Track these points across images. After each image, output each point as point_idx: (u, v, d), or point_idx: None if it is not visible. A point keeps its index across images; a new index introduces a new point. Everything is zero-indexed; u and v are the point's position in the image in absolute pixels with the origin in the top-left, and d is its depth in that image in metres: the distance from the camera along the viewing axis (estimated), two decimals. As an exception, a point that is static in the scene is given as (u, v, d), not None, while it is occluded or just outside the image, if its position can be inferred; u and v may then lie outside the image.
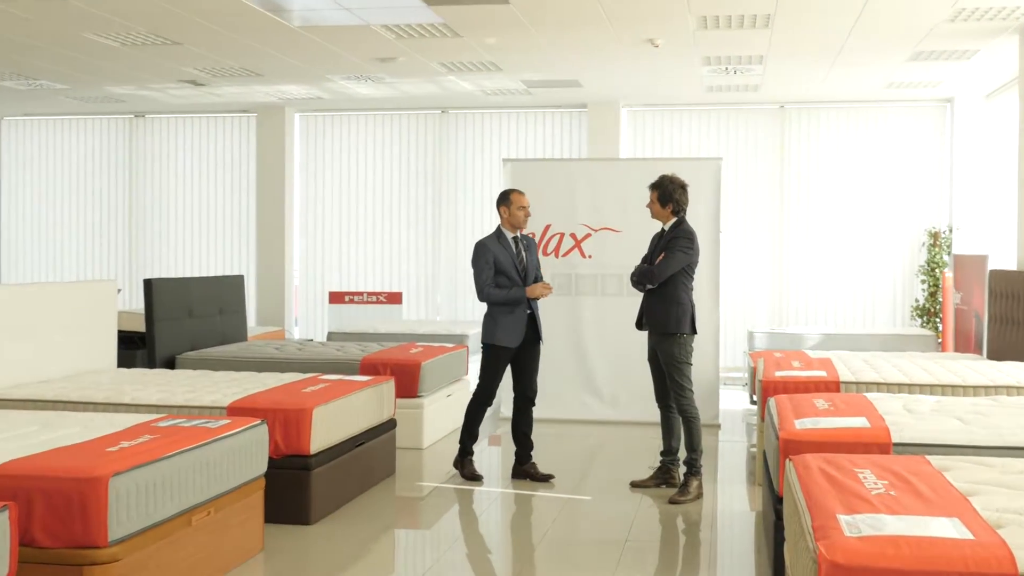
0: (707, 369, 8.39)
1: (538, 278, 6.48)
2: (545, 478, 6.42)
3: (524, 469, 6.49)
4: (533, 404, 6.54)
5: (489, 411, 6.75)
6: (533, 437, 6.55)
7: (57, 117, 13.02)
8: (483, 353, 6.46)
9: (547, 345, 8.59)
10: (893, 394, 5.63)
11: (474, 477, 6.42)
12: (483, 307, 6.52)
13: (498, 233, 6.44)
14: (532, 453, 6.53)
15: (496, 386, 6.43)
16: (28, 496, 3.58)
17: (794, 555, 3.24)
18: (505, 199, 6.41)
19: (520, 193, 6.43)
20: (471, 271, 6.44)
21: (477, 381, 6.50)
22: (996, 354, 7.74)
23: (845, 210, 11.40)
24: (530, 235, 6.80)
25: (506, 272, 6.31)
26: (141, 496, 3.76)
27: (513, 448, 6.60)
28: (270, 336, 10.51)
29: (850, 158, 11.40)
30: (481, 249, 6.37)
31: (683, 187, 6.03)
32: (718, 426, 8.41)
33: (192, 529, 4.15)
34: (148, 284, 7.75)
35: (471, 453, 6.52)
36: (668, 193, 5.99)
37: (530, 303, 6.37)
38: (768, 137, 11.54)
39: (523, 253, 6.41)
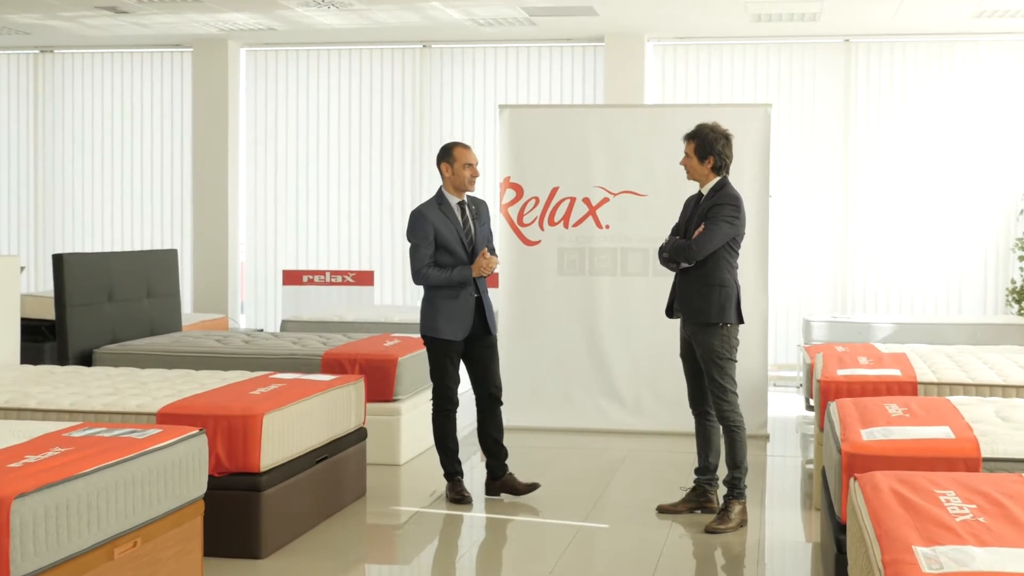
0: (754, 367, 8.40)
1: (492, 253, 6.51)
2: (529, 488, 6.49)
3: (503, 483, 6.54)
4: (500, 403, 6.59)
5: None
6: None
7: (-56, 52, 12.99)
8: (426, 349, 6.52)
9: (554, 337, 8.64)
10: (983, 398, 5.63)
11: (460, 500, 6.44)
12: None
13: (439, 198, 6.45)
14: (507, 463, 6.57)
15: (452, 387, 6.48)
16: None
17: (860, 596, 3.25)
18: (446, 154, 6.42)
19: (465, 147, 6.45)
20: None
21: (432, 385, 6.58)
22: (1111, 348, 7.74)
23: (924, 171, 11.38)
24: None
25: (448, 247, 6.33)
26: (51, 523, 3.76)
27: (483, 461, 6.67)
28: (210, 325, 10.51)
29: (930, 106, 11.38)
30: (417, 219, 6.38)
31: (727, 138, 6.02)
32: (767, 437, 8.43)
33: (115, 564, 4.15)
34: (58, 260, 7.73)
35: (459, 473, 6.54)
36: (708, 144, 5.97)
37: (477, 284, 6.39)
38: (829, 79, 11.50)
39: (471, 222, 6.42)
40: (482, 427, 6.59)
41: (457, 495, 6.45)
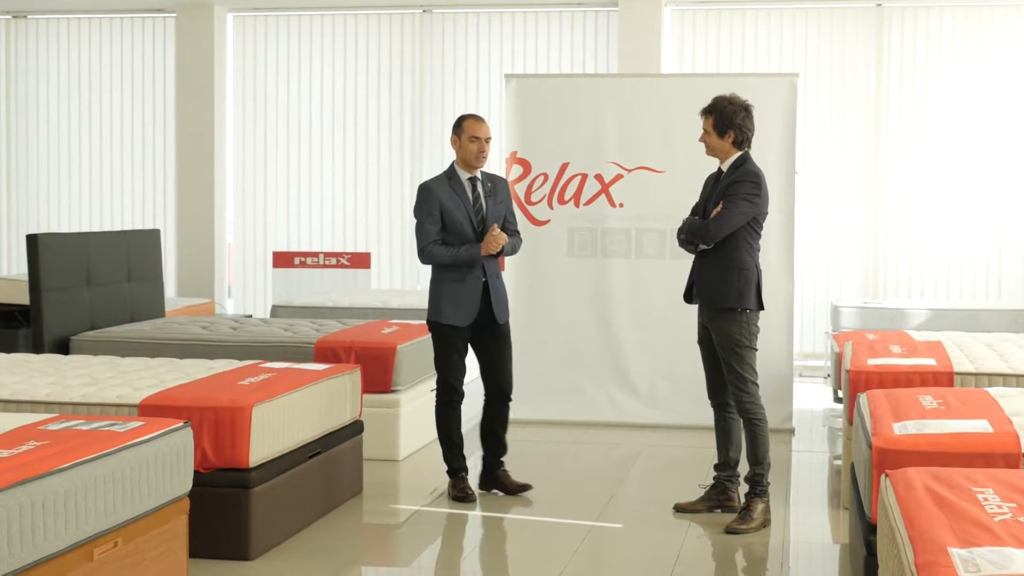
0: (777, 356, 8.40)
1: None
2: (520, 488, 6.52)
3: (496, 478, 6.58)
4: (509, 400, 6.62)
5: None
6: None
7: (-91, 18, 12.99)
8: (431, 336, 6.55)
9: (564, 323, 8.64)
10: (1024, 389, 5.63)
11: (463, 497, 6.45)
12: None
13: (450, 172, 6.48)
14: (503, 459, 6.61)
15: (456, 375, 6.48)
16: None
17: (891, 601, 3.26)
18: (457, 126, 6.46)
19: (476, 119, 6.45)
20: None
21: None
22: None
23: (961, 146, 11.35)
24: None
25: (455, 226, 6.36)
26: (26, 522, 3.78)
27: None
28: (195, 311, 10.52)
29: (968, 76, 11.34)
30: (423, 194, 6.44)
31: (747, 109, 6.01)
32: (791, 431, 8.44)
33: (94, 566, 4.17)
34: (32, 241, 7.74)
35: (463, 470, 6.56)
36: (727, 118, 5.96)
37: (485, 267, 6.39)
38: (859, 47, 11.47)
39: (482, 200, 6.43)
40: (485, 420, 6.62)
41: (460, 493, 6.46)
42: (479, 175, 6.47)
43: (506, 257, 6.74)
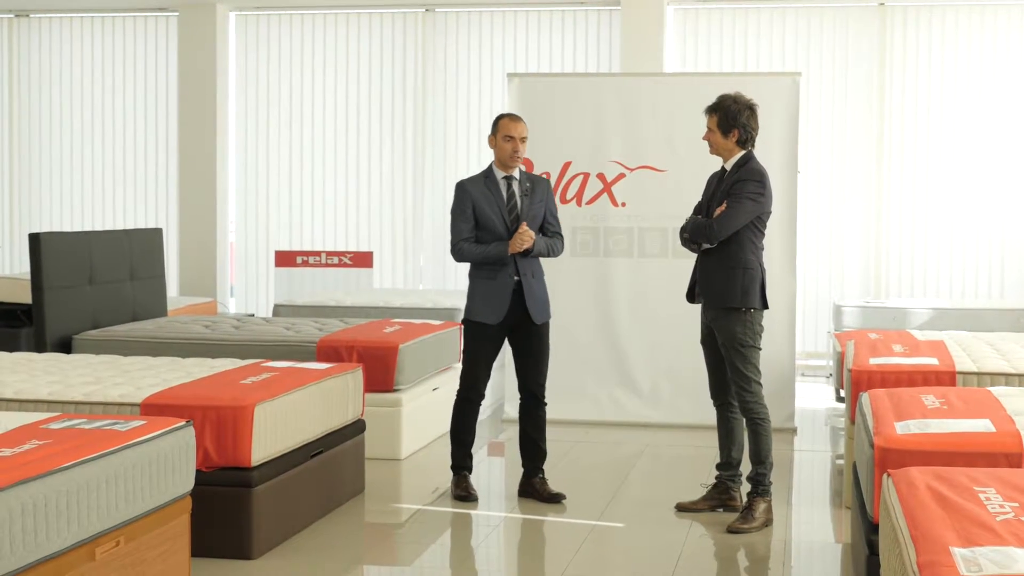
0: (780, 355, 8.41)
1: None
2: (554, 498, 6.45)
3: (531, 484, 6.54)
4: (542, 403, 6.57)
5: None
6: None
7: (-88, 17, 13.00)
8: (463, 332, 6.57)
9: (567, 322, 8.64)
10: (1027, 389, 5.62)
11: (465, 497, 6.44)
12: None
13: (487, 171, 6.48)
14: (543, 466, 6.56)
15: (480, 375, 6.47)
16: None
17: (893, 601, 3.26)
18: (493, 126, 6.46)
19: (513, 119, 6.42)
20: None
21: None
22: None
23: (964, 145, 11.34)
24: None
25: (489, 225, 6.34)
26: (28, 521, 3.78)
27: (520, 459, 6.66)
28: (198, 310, 10.53)
29: (971, 75, 11.33)
30: (459, 193, 6.45)
31: (751, 108, 6.01)
32: (794, 430, 8.44)
33: (96, 565, 4.17)
34: (35, 240, 7.75)
35: (466, 468, 6.55)
36: (732, 116, 5.96)
37: (518, 266, 6.37)
38: (862, 46, 11.46)
39: (518, 199, 6.41)
40: (521, 425, 6.59)
41: (462, 491, 6.46)
42: (516, 174, 6.43)
43: (546, 258, 6.66)
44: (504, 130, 6.35)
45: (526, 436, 6.55)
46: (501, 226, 6.33)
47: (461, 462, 6.54)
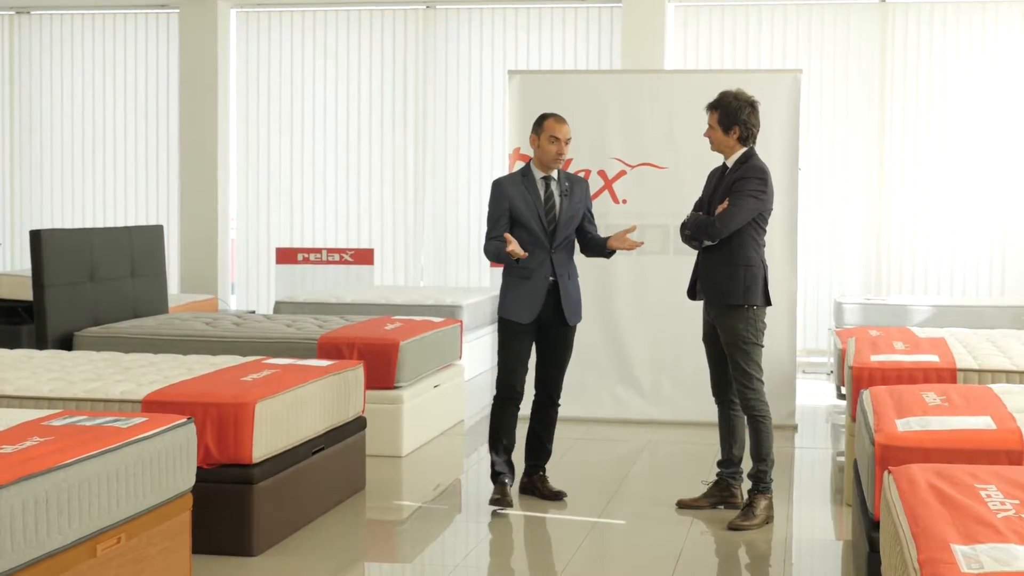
0: (781, 353, 8.40)
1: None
2: (555, 496, 6.43)
3: (532, 482, 6.51)
4: (555, 406, 6.54)
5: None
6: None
7: (-87, 14, 13.00)
8: (497, 330, 6.48)
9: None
10: (1028, 386, 5.63)
11: (500, 501, 6.26)
12: (494, 272, 6.51)
13: (525, 170, 6.40)
14: (545, 465, 6.55)
15: (516, 374, 6.34)
16: None
17: (894, 598, 3.26)
18: (537, 125, 6.33)
19: (557, 119, 6.31)
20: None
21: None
22: None
23: (965, 142, 11.33)
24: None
25: (524, 223, 6.23)
26: (29, 517, 3.78)
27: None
28: (199, 307, 10.53)
29: (972, 73, 11.32)
30: (493, 190, 6.36)
31: (753, 105, 6.00)
32: (795, 428, 8.43)
33: (97, 561, 4.17)
34: (36, 237, 7.74)
35: (503, 473, 6.35)
36: (733, 114, 5.96)
37: (554, 266, 6.28)
38: (863, 43, 11.46)
39: (556, 200, 6.31)
40: (532, 423, 6.54)
41: (498, 495, 6.28)
42: (555, 175, 6.35)
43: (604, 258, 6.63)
44: (550, 131, 6.26)
45: (534, 434, 6.52)
46: (537, 225, 6.23)
47: (500, 468, 6.36)
